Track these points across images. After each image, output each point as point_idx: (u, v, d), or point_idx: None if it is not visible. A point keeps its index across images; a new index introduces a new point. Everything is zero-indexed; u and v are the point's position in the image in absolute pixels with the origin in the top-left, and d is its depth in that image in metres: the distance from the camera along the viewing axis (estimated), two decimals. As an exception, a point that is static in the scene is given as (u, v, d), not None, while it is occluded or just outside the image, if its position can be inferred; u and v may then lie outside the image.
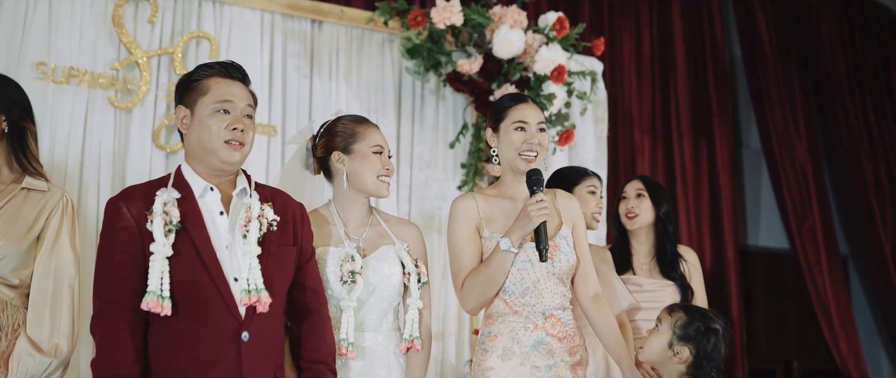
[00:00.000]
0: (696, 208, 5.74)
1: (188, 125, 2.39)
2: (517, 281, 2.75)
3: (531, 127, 2.79)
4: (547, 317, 2.74)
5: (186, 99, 2.40)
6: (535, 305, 2.74)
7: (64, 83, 3.75)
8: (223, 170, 2.39)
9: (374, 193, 2.74)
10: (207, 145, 2.35)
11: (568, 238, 2.82)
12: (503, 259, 2.69)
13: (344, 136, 2.73)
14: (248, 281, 2.28)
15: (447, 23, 4.24)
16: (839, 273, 6.06)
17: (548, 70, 4.35)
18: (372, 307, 2.67)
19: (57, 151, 3.69)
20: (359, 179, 2.71)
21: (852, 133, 6.27)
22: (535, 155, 2.78)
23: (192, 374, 2.22)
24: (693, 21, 5.99)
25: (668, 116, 5.75)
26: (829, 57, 6.37)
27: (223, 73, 2.41)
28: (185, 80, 2.43)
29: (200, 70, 2.43)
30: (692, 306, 2.91)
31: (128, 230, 2.27)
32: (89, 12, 3.86)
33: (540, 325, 2.73)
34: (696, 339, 2.72)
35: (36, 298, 2.54)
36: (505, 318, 2.76)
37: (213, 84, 2.38)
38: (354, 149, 2.71)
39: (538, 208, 2.63)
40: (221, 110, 2.36)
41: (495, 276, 2.72)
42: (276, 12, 4.27)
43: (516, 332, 2.73)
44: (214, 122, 2.34)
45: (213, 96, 2.36)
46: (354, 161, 2.71)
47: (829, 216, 6.15)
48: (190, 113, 2.38)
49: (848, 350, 5.83)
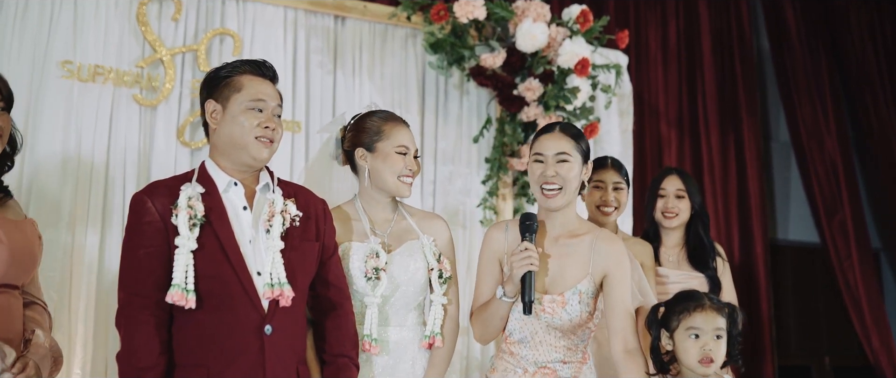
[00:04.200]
0: (725, 202, 5.68)
1: (219, 120, 2.40)
2: (517, 328, 2.69)
3: (548, 158, 2.64)
4: (540, 367, 2.67)
5: (217, 94, 2.41)
6: (528, 356, 2.67)
7: (89, 81, 3.78)
8: (251, 166, 2.42)
9: (395, 193, 2.74)
10: (239, 141, 2.37)
11: (585, 293, 2.63)
12: (498, 306, 2.64)
13: (370, 133, 2.72)
14: (271, 275, 2.31)
15: (470, 17, 4.22)
16: (870, 267, 5.97)
17: (571, 63, 4.32)
18: (396, 302, 2.67)
19: (83, 149, 3.72)
20: (380, 178, 2.70)
21: (883, 125, 6.18)
22: (556, 188, 2.62)
23: (215, 367, 2.24)
24: (720, 13, 5.93)
25: (695, 110, 5.69)
26: (858, 47, 6.27)
27: (256, 72, 2.44)
28: (216, 76, 2.44)
29: (232, 66, 2.45)
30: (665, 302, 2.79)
31: (153, 225, 2.29)
32: (114, 10, 3.88)
33: (530, 373, 2.67)
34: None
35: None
36: (503, 357, 2.74)
37: (246, 81, 2.41)
38: (378, 147, 2.70)
39: (520, 258, 2.53)
40: (255, 109, 2.39)
41: (492, 319, 2.68)
42: (299, 9, 4.28)
43: (507, 373, 2.70)
44: (247, 119, 2.37)
45: (246, 94, 2.39)
46: (377, 159, 2.70)
47: (859, 209, 6.07)
48: (221, 108, 2.40)
49: (880, 345, 5.75)
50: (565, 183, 2.62)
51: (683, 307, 2.61)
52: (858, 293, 5.81)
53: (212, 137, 2.44)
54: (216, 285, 2.27)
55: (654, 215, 3.61)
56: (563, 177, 2.62)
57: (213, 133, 2.43)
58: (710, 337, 2.57)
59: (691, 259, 3.55)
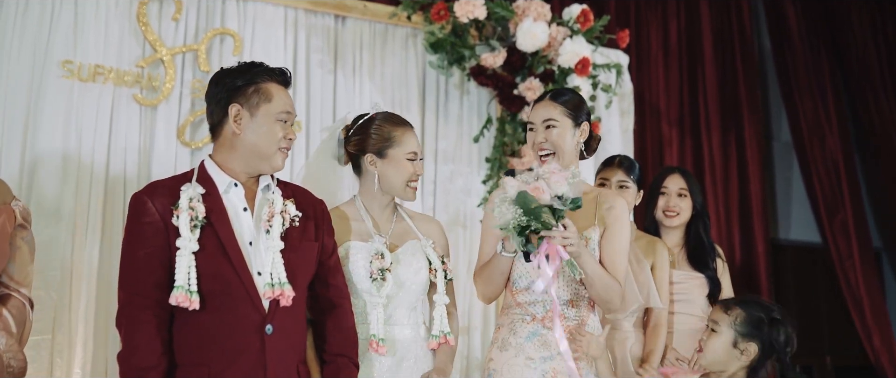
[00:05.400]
0: (726, 202, 5.68)
1: (243, 125, 2.38)
2: (523, 274, 2.75)
3: (537, 126, 2.78)
4: (548, 310, 2.71)
5: (244, 99, 2.38)
6: (537, 300, 2.72)
7: (89, 81, 3.78)
8: (265, 172, 2.44)
9: (403, 197, 2.77)
10: (264, 151, 2.39)
11: (591, 240, 2.72)
12: (498, 261, 2.71)
13: (379, 140, 2.72)
14: (272, 275, 2.31)
15: (470, 16, 4.22)
16: (872, 266, 5.97)
17: (572, 63, 4.32)
18: (400, 302, 2.68)
19: (83, 149, 3.72)
20: (389, 183, 2.72)
21: (885, 123, 6.17)
22: (548, 153, 2.75)
23: (216, 367, 2.24)
24: (721, 12, 5.93)
25: (697, 109, 5.69)
26: (859, 46, 6.27)
27: (282, 82, 2.45)
28: (236, 80, 2.40)
29: (257, 71, 2.42)
30: (745, 298, 2.82)
31: (153, 225, 2.29)
32: (114, 10, 3.88)
33: (538, 318, 2.71)
34: (762, 332, 2.66)
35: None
36: (509, 310, 2.78)
37: (275, 91, 2.41)
38: (390, 154, 2.71)
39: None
40: (283, 120, 2.41)
41: (494, 275, 2.74)
42: (299, 8, 4.28)
43: (514, 323, 2.74)
44: (275, 130, 2.39)
45: (277, 105, 2.40)
46: (388, 166, 2.71)
47: (861, 209, 6.06)
48: (249, 115, 2.38)
49: (881, 344, 5.74)
50: (556, 147, 2.74)
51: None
52: (860, 293, 5.81)
53: (227, 139, 2.41)
54: (217, 286, 2.27)
55: (655, 214, 3.60)
56: (552, 142, 2.73)
57: (233, 136, 2.39)
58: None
59: (691, 259, 3.54)
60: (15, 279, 2.52)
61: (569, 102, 2.79)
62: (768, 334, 2.65)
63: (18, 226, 2.51)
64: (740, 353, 2.67)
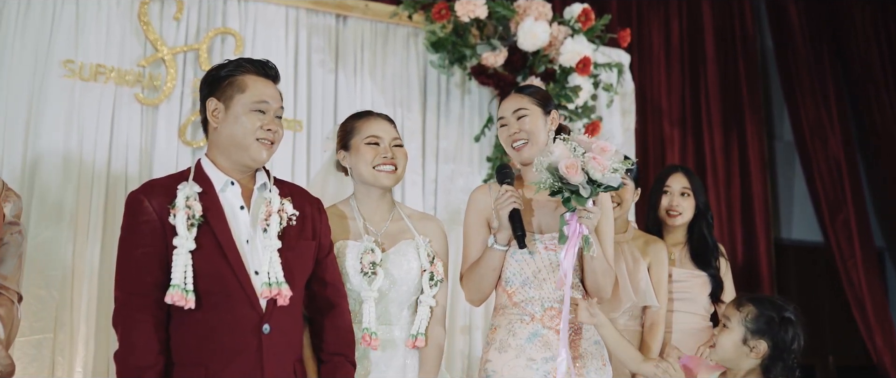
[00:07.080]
0: (728, 202, 5.67)
1: (220, 119, 2.39)
2: (517, 272, 2.74)
3: (509, 118, 2.79)
4: (547, 308, 2.70)
5: (220, 93, 2.40)
6: (534, 298, 2.71)
7: (91, 80, 3.79)
8: (249, 166, 2.42)
9: (374, 183, 2.74)
10: (240, 142, 2.37)
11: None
12: (490, 255, 2.71)
13: (344, 134, 2.79)
14: (269, 274, 2.31)
15: (471, 16, 4.22)
16: (874, 266, 5.95)
17: (573, 62, 4.32)
18: (393, 300, 2.69)
19: (84, 149, 3.73)
20: (357, 172, 2.75)
21: (887, 123, 6.15)
22: (523, 142, 2.75)
23: (214, 366, 2.24)
24: (723, 12, 5.92)
25: (698, 109, 5.68)
26: (862, 46, 6.24)
27: (259, 72, 2.44)
28: (217, 74, 2.43)
29: (235, 65, 2.44)
30: (758, 296, 2.81)
31: (150, 224, 2.29)
32: (116, 10, 3.89)
33: (537, 317, 2.70)
34: (772, 330, 2.66)
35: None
36: (505, 311, 2.76)
37: (250, 82, 2.40)
38: (351, 144, 2.75)
39: (504, 200, 2.63)
40: (258, 110, 2.38)
41: (485, 272, 2.73)
42: (300, 8, 4.28)
43: (513, 324, 2.72)
44: (250, 120, 2.37)
45: (250, 95, 2.38)
46: (353, 156, 2.75)
47: (863, 208, 6.04)
48: (224, 107, 2.39)
49: (883, 344, 5.72)
50: (530, 135, 2.76)
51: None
52: (862, 292, 5.79)
53: (211, 136, 2.44)
54: (214, 285, 2.27)
55: (658, 213, 3.59)
56: (526, 130, 2.76)
57: (214, 131, 2.42)
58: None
59: (694, 258, 3.54)
60: (1, 274, 2.53)
61: (536, 93, 2.85)
62: (779, 333, 2.65)
63: (9, 223, 2.50)
64: (750, 351, 2.67)
